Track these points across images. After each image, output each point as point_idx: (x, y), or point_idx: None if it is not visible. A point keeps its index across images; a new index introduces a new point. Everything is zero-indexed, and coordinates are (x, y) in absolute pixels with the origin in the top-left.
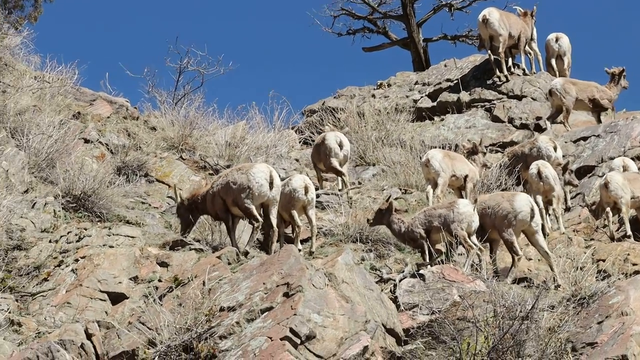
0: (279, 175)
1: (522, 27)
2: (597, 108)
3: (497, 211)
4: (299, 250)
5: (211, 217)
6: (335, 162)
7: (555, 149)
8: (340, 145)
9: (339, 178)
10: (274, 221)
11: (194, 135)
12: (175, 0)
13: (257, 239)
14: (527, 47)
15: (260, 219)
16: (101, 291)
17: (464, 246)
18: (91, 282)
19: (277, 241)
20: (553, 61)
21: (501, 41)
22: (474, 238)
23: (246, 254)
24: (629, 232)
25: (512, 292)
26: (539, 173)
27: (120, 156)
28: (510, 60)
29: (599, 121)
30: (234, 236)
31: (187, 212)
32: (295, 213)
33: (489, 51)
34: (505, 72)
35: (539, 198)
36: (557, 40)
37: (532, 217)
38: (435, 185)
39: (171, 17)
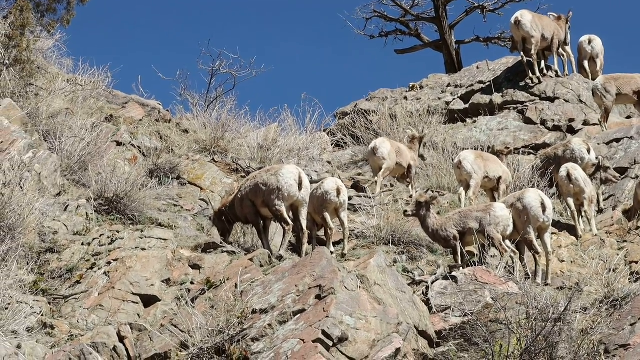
0: (309, 177)
1: (555, 29)
2: None
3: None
4: (331, 252)
5: (242, 222)
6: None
7: (588, 151)
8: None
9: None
10: (304, 223)
11: (226, 138)
12: (208, 2)
13: (290, 241)
14: (560, 49)
15: (291, 222)
16: (133, 294)
17: (498, 249)
18: (123, 285)
19: (309, 243)
20: (586, 63)
21: (533, 43)
22: (507, 241)
23: (280, 257)
24: None
25: (544, 294)
26: (569, 175)
27: (153, 159)
28: (543, 62)
29: None
30: (266, 238)
31: (221, 221)
32: (327, 215)
33: (522, 53)
34: (538, 74)
35: (571, 200)
36: (590, 42)
37: (544, 211)
38: (467, 187)
39: (203, 20)
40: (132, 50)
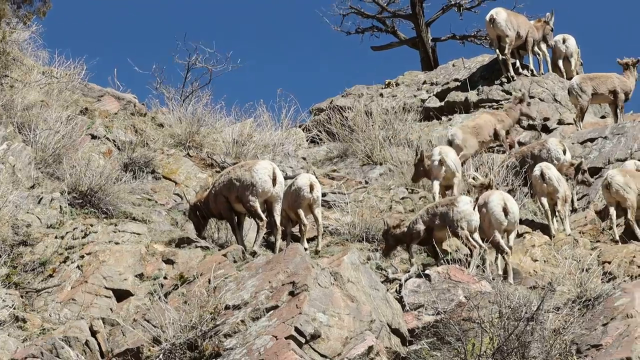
0: (284, 173)
1: (530, 27)
2: (615, 100)
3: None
4: (305, 249)
5: (216, 218)
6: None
7: (564, 151)
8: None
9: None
10: (278, 219)
11: (201, 133)
12: None
13: (264, 237)
14: (535, 48)
15: (264, 217)
16: (106, 288)
17: (466, 245)
18: (96, 279)
19: (284, 239)
20: (560, 62)
21: (507, 41)
22: (476, 235)
23: (253, 253)
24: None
25: (517, 293)
26: (543, 175)
27: (127, 153)
28: (518, 61)
29: (616, 116)
30: (240, 234)
31: (195, 216)
32: (301, 212)
33: (497, 50)
34: (512, 73)
35: (544, 200)
36: (564, 41)
37: (507, 215)
38: (449, 187)
39: (180, 14)
40: (108, 43)
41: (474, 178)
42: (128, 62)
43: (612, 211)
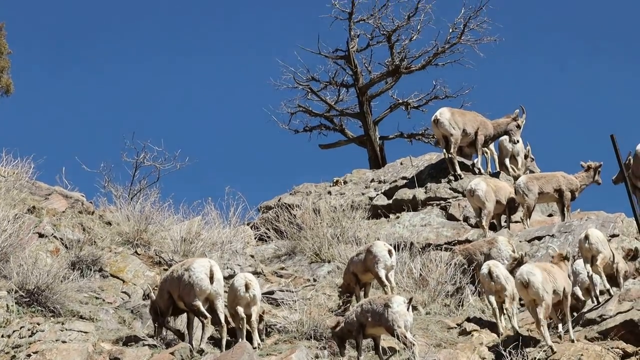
0: (232, 271)
1: (480, 124)
2: (561, 199)
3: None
4: (254, 347)
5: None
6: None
7: (513, 251)
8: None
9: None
10: (221, 316)
11: (149, 230)
12: (134, 95)
13: (212, 335)
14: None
15: (208, 315)
16: None
17: (404, 343)
18: None
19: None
20: (507, 161)
21: (452, 140)
22: (409, 334)
23: (201, 351)
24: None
25: None
26: (490, 273)
27: (75, 251)
28: (478, 159)
29: (563, 214)
30: (189, 332)
31: (156, 313)
32: (239, 309)
33: (444, 150)
34: (459, 172)
35: (492, 298)
36: (509, 140)
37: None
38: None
39: (128, 112)
40: (55, 141)
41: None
42: (76, 161)
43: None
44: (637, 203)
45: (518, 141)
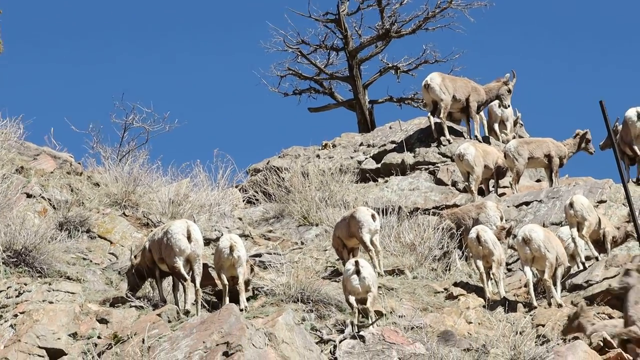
0: (219, 233)
1: (471, 91)
2: (550, 165)
3: None
4: (241, 309)
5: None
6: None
7: (501, 218)
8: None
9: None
10: (198, 279)
11: (137, 192)
12: (122, 55)
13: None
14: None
15: (188, 277)
16: (40, 347)
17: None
18: (30, 338)
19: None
20: (496, 126)
21: (443, 105)
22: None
23: (187, 312)
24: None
25: (451, 356)
26: (478, 237)
27: (63, 212)
28: (474, 124)
29: (551, 180)
30: (162, 292)
31: (132, 275)
32: (222, 273)
33: (430, 114)
34: (448, 136)
35: (480, 262)
36: (499, 105)
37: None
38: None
39: (118, 73)
40: (45, 102)
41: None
42: (65, 121)
43: (527, 270)
44: (625, 169)
45: (509, 105)
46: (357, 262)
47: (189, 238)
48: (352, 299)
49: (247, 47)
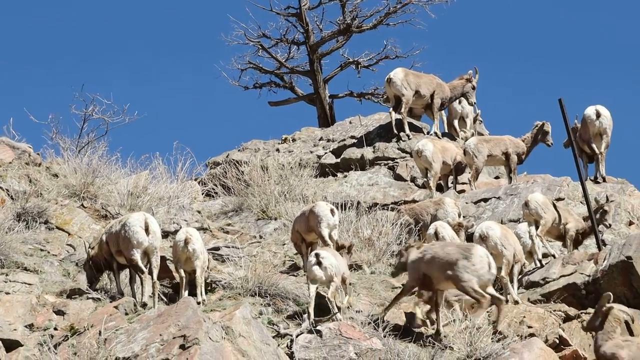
0: (177, 226)
1: (436, 87)
2: (508, 162)
3: None
4: (199, 302)
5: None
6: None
7: (459, 214)
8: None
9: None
10: (155, 272)
11: (96, 184)
12: (82, 47)
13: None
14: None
15: (145, 269)
16: None
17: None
18: None
19: (178, 292)
20: (456, 122)
21: (404, 101)
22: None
23: (144, 305)
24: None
25: (407, 351)
26: (437, 234)
27: (21, 202)
28: (436, 122)
29: (510, 177)
30: (132, 286)
31: (90, 268)
32: (179, 266)
33: (392, 109)
34: (408, 132)
35: None
36: (459, 102)
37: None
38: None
39: (78, 64)
40: (4, 92)
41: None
42: (24, 112)
43: None
44: (583, 167)
45: (475, 102)
46: (317, 254)
47: (146, 230)
48: (312, 288)
49: (207, 39)
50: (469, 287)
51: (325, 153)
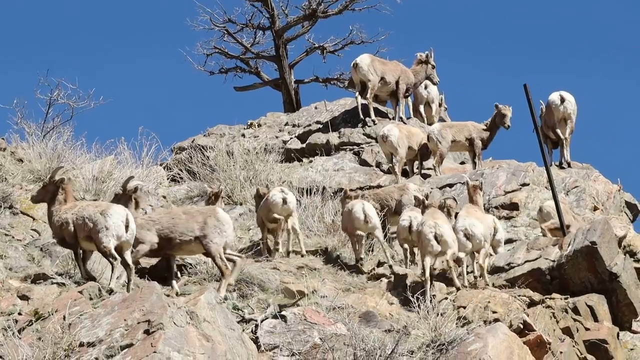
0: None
1: (402, 73)
2: (472, 148)
3: None
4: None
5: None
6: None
7: (427, 196)
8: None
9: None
10: (130, 260)
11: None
12: (47, 30)
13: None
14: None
15: (118, 257)
16: None
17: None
18: None
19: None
20: (421, 108)
21: (370, 86)
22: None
23: (110, 291)
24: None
25: (372, 337)
26: (410, 227)
27: None
28: (401, 107)
29: (474, 163)
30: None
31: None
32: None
33: (357, 94)
34: (373, 117)
35: (406, 246)
36: (426, 87)
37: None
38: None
39: (43, 48)
40: None
41: None
42: None
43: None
44: (548, 153)
45: (438, 81)
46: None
47: (126, 227)
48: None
49: (173, 24)
50: None
51: (291, 138)
